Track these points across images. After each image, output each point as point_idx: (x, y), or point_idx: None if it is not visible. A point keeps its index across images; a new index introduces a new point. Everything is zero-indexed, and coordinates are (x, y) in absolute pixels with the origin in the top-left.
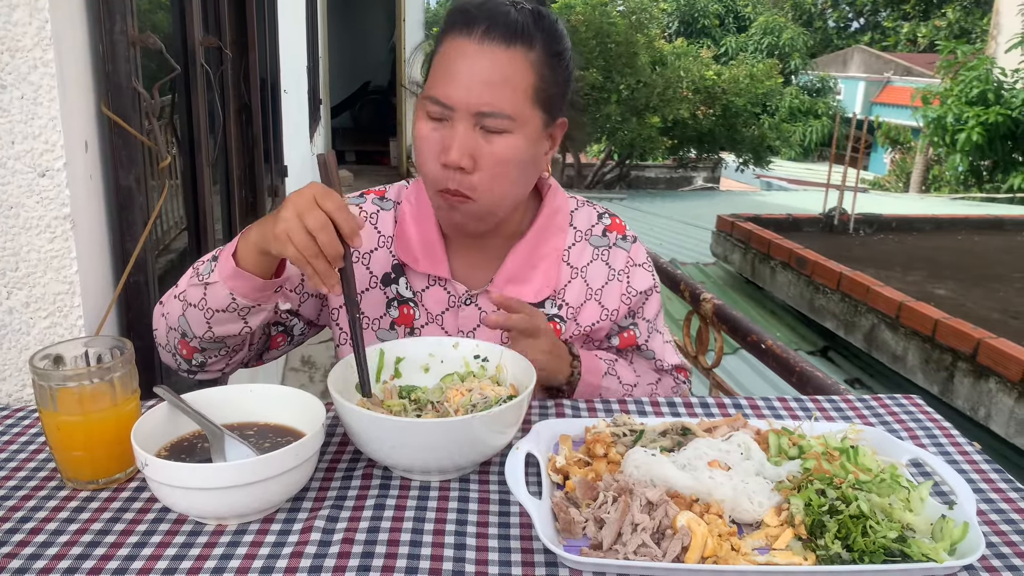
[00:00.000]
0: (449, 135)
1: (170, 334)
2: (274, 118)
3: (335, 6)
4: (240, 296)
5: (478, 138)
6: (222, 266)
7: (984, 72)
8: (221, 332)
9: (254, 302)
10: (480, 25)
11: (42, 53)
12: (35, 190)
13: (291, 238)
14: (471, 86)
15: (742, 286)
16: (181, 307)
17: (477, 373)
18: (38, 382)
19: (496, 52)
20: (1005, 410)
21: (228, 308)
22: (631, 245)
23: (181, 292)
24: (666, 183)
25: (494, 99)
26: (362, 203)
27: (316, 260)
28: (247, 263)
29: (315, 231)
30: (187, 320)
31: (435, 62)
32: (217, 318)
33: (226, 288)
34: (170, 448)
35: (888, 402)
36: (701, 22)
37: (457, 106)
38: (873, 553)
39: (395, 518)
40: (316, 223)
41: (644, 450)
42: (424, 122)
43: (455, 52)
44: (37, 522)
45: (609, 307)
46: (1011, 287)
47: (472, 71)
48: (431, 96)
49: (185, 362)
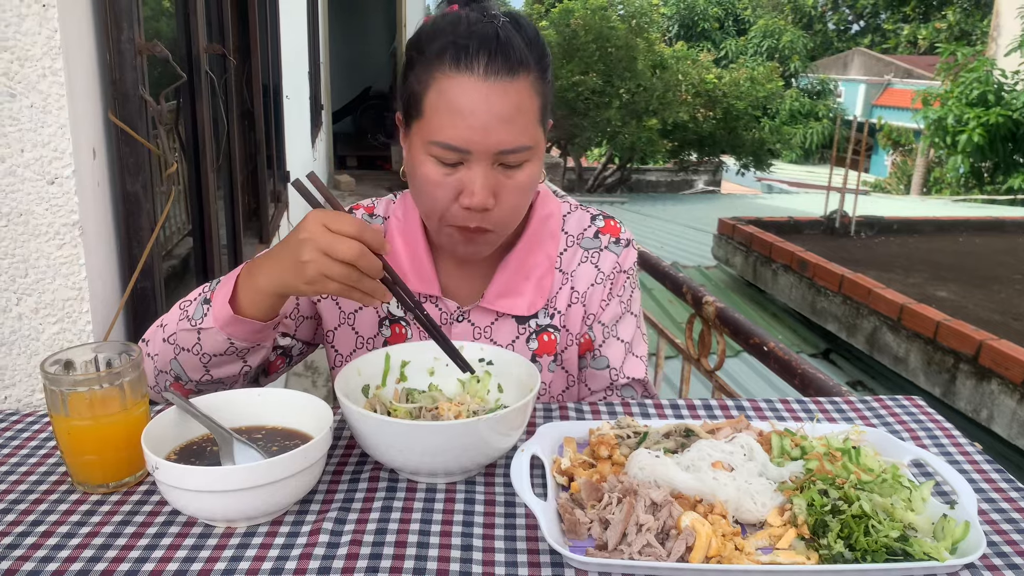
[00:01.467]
0: (468, 177)
1: (160, 376)
2: (276, 124)
3: (336, 12)
4: (239, 340)
5: (498, 175)
6: (218, 313)
7: (984, 74)
8: (220, 374)
9: (254, 343)
10: (479, 59)
11: (51, 62)
12: (44, 197)
13: (327, 275)
14: (488, 127)
15: (744, 289)
16: (172, 351)
17: (482, 377)
18: (49, 387)
19: (505, 86)
20: (1007, 412)
21: (227, 352)
22: (623, 250)
23: (171, 335)
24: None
25: (514, 135)
26: None
27: (361, 283)
28: (249, 310)
29: (353, 259)
30: (180, 364)
31: (431, 102)
32: (215, 361)
33: (223, 334)
34: (179, 451)
35: (889, 403)
36: (701, 25)
37: (475, 149)
38: (875, 552)
39: (402, 520)
40: (350, 252)
41: (648, 452)
42: (431, 166)
43: (459, 94)
44: (49, 525)
45: (589, 310)
46: (1012, 288)
47: (487, 111)
48: (443, 143)
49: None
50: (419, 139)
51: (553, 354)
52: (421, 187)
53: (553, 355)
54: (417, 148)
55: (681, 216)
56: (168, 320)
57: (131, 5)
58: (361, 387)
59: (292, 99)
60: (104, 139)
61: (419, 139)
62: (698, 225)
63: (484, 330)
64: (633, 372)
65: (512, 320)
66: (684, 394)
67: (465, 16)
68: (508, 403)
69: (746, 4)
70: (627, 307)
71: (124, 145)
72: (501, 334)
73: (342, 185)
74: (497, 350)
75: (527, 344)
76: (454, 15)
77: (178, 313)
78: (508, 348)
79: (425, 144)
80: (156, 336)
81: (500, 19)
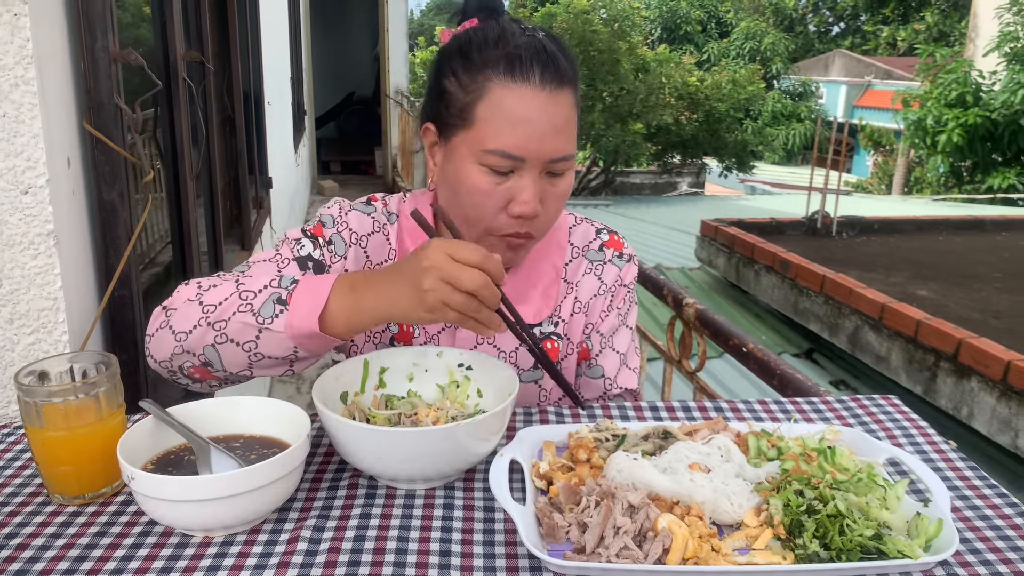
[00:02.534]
0: (519, 186)
1: (181, 357)
2: (258, 130)
3: (318, 17)
4: (305, 351)
5: (544, 183)
6: (298, 323)
7: (963, 75)
8: (260, 374)
9: (317, 355)
10: (534, 70)
11: (23, 71)
12: (18, 207)
13: (449, 304)
14: (544, 136)
15: (727, 290)
16: (214, 337)
17: (461, 382)
18: (23, 398)
19: (557, 96)
20: (987, 408)
21: (284, 357)
22: (625, 264)
23: (219, 320)
24: (651, 189)
25: (564, 144)
26: (372, 212)
27: (479, 313)
28: (337, 327)
29: (476, 289)
30: (219, 354)
31: (484, 111)
32: (265, 362)
33: (291, 342)
34: (156, 461)
35: (866, 403)
36: (683, 28)
37: (530, 158)
38: (850, 551)
39: (381, 527)
40: (476, 282)
41: (626, 454)
42: (481, 175)
43: (517, 103)
44: (24, 537)
45: (590, 320)
46: (991, 287)
47: (542, 120)
48: (500, 151)
49: (192, 381)
50: (467, 148)
51: (556, 362)
52: (468, 196)
53: (557, 363)
54: (464, 157)
55: (665, 218)
56: (214, 300)
57: (105, 13)
58: (339, 394)
59: (274, 105)
60: (79, 148)
61: (467, 148)
62: (682, 227)
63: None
64: (626, 383)
65: None
66: (666, 396)
67: (508, 28)
68: (487, 408)
69: (728, 7)
70: (624, 320)
71: (100, 154)
72: (506, 340)
73: (326, 190)
74: (476, 355)
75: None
76: (495, 27)
77: (236, 301)
78: (512, 355)
79: (477, 153)
80: (191, 314)
81: (540, 32)
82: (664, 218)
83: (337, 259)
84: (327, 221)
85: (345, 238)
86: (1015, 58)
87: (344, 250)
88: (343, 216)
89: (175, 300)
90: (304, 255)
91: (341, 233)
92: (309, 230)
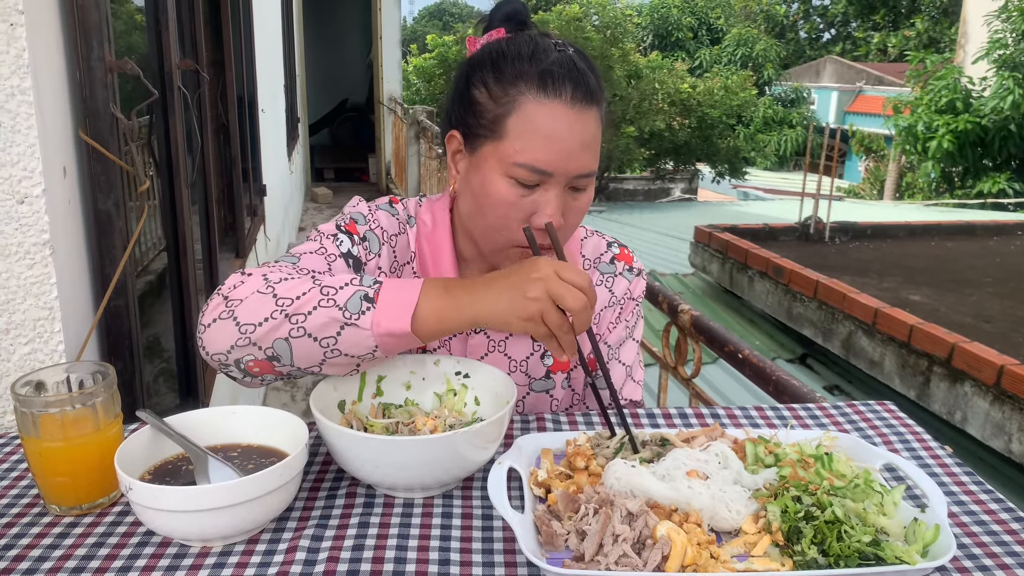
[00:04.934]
0: (543, 199)
1: (245, 349)
2: (252, 138)
3: (312, 25)
4: (384, 351)
5: (567, 197)
6: (388, 323)
7: (952, 81)
8: (329, 371)
9: (389, 356)
10: (566, 87)
11: (19, 81)
12: (14, 217)
13: (546, 319)
14: (572, 152)
15: (721, 296)
16: (288, 330)
17: (458, 391)
18: (20, 409)
19: (587, 115)
20: (981, 413)
21: (361, 355)
22: (635, 278)
23: (296, 313)
24: (644, 195)
25: (589, 160)
26: (396, 213)
27: (566, 336)
28: (425, 329)
29: (577, 311)
30: (291, 348)
31: (515, 125)
32: (339, 360)
33: (374, 341)
34: (154, 471)
35: (862, 409)
36: (675, 35)
37: (557, 172)
38: (848, 557)
39: (379, 536)
40: (578, 303)
41: (624, 462)
42: (507, 186)
43: (549, 118)
44: (20, 549)
45: (600, 332)
46: (983, 292)
47: (571, 137)
48: (529, 165)
49: (246, 376)
50: (496, 159)
51: (567, 371)
52: (492, 206)
53: (567, 373)
54: (492, 168)
55: (658, 224)
56: (291, 294)
57: (101, 22)
58: (337, 403)
59: (268, 112)
60: (75, 157)
61: (496, 159)
62: (675, 233)
63: (499, 343)
64: (631, 395)
65: (528, 336)
66: (662, 402)
67: (541, 44)
68: (485, 416)
69: (719, 14)
70: (631, 333)
71: (95, 163)
72: (516, 349)
73: (319, 198)
74: (473, 363)
75: (541, 360)
76: (528, 41)
77: (317, 295)
78: (523, 363)
79: (505, 165)
80: (263, 306)
81: (570, 48)
82: (657, 224)
83: (372, 256)
84: (358, 219)
85: (378, 235)
86: (1004, 64)
87: (378, 248)
88: (373, 215)
89: (239, 291)
90: (344, 251)
91: (374, 231)
92: (344, 226)
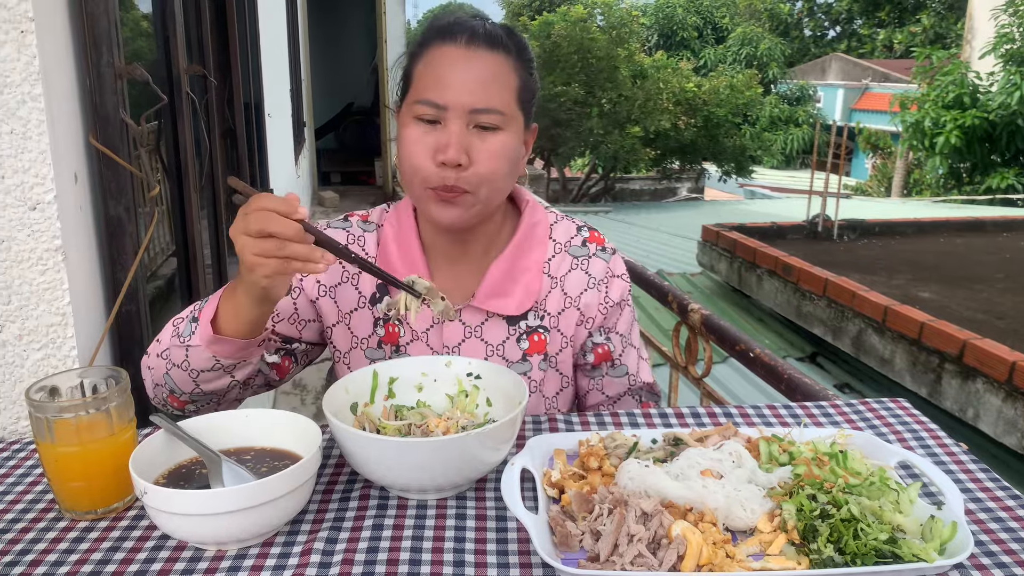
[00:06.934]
0: (443, 135)
1: (157, 389)
2: (259, 142)
3: (317, 29)
4: (223, 358)
5: (472, 136)
6: (202, 331)
7: (959, 76)
8: (209, 388)
9: (238, 360)
10: (463, 34)
11: (31, 88)
12: (26, 223)
13: (256, 253)
14: (464, 85)
15: (729, 295)
16: (165, 365)
17: (470, 392)
18: (35, 414)
19: (483, 55)
20: (993, 410)
21: (213, 368)
22: (610, 256)
23: (164, 350)
24: (651, 195)
25: (487, 96)
26: (348, 226)
27: (289, 249)
28: (229, 328)
29: (266, 227)
30: (172, 378)
31: (419, 71)
32: (203, 377)
33: (208, 351)
34: (168, 475)
35: (875, 406)
36: (680, 35)
37: (452, 105)
38: (865, 555)
39: (393, 537)
40: (258, 222)
41: (637, 461)
42: (414, 127)
43: (443, 58)
44: (37, 554)
45: (586, 314)
46: (994, 287)
47: (465, 72)
48: (423, 99)
49: (177, 411)
50: (406, 108)
51: (543, 354)
52: (403, 150)
53: (543, 355)
54: (404, 117)
55: (665, 224)
56: (163, 336)
57: (110, 28)
58: (349, 405)
59: (274, 117)
60: (86, 163)
61: (406, 108)
62: (682, 232)
63: (475, 329)
64: (645, 376)
65: (503, 320)
66: (673, 402)
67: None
68: (497, 417)
69: (724, 13)
70: (632, 315)
71: (106, 168)
72: (492, 333)
73: (326, 201)
74: (485, 364)
75: (518, 343)
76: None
77: (171, 330)
78: (499, 347)
79: (411, 108)
80: (153, 351)
81: (491, 21)
82: (665, 224)
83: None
84: None
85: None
86: (1011, 59)
87: None
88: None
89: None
90: None
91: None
92: None
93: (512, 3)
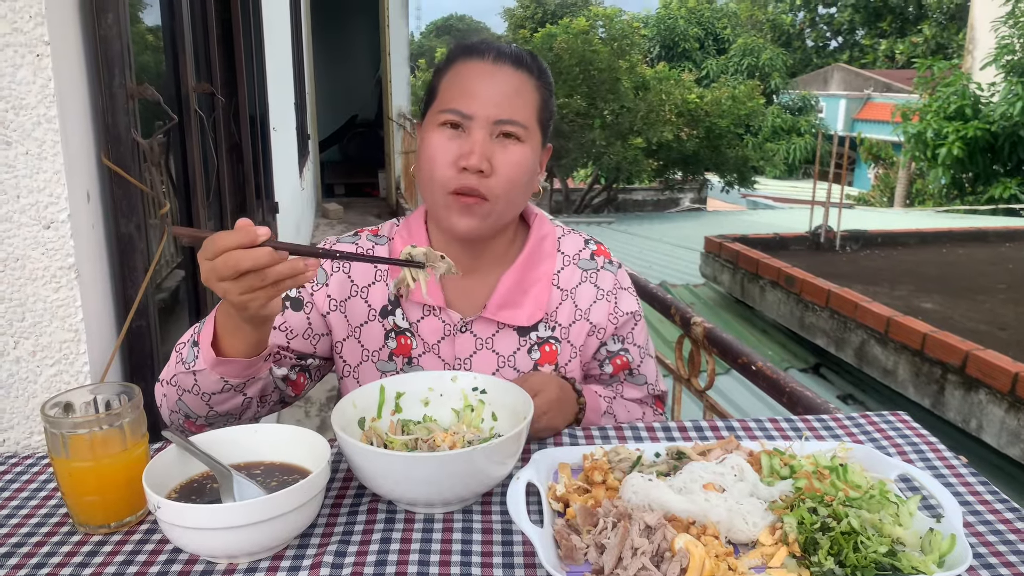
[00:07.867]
0: (467, 143)
1: (173, 415)
2: (264, 156)
3: (321, 43)
4: (231, 378)
5: (494, 146)
6: (205, 355)
7: (961, 88)
8: (223, 409)
9: (246, 378)
10: (490, 52)
11: (46, 110)
12: (40, 242)
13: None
14: (490, 97)
15: (732, 306)
16: (176, 392)
17: (476, 406)
18: (50, 430)
19: (509, 71)
20: (996, 421)
21: (223, 389)
22: (617, 270)
23: (172, 377)
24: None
25: (511, 109)
26: (357, 240)
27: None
28: (231, 349)
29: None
30: (185, 403)
31: (445, 84)
32: (215, 399)
33: (215, 374)
34: (180, 490)
35: (876, 419)
36: (681, 46)
37: (476, 115)
38: (865, 568)
39: (401, 551)
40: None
41: (641, 475)
42: (438, 133)
43: (469, 71)
44: (51, 568)
45: (596, 324)
46: (996, 298)
47: (491, 86)
48: (449, 108)
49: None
50: (430, 118)
51: (554, 364)
52: (426, 156)
53: (554, 365)
54: (428, 126)
55: (668, 235)
56: (169, 364)
57: (123, 50)
58: (357, 420)
59: (279, 130)
60: (97, 182)
61: (430, 118)
62: (685, 243)
63: (486, 340)
64: (660, 384)
65: (513, 332)
66: (676, 414)
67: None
68: (502, 431)
69: (725, 24)
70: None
71: (117, 187)
72: (503, 344)
73: (330, 213)
74: (490, 379)
75: (528, 354)
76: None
77: (175, 356)
78: (510, 358)
79: (436, 116)
80: (163, 377)
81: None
82: (667, 235)
83: (318, 287)
84: None
85: (326, 267)
86: (1013, 70)
87: (326, 278)
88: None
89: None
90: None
91: (323, 266)
92: None
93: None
